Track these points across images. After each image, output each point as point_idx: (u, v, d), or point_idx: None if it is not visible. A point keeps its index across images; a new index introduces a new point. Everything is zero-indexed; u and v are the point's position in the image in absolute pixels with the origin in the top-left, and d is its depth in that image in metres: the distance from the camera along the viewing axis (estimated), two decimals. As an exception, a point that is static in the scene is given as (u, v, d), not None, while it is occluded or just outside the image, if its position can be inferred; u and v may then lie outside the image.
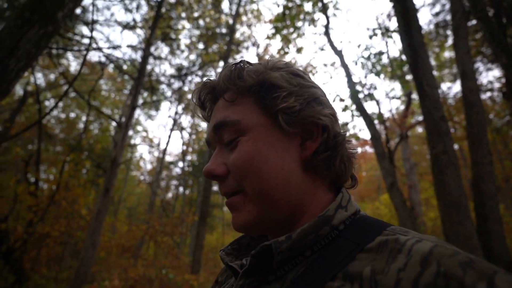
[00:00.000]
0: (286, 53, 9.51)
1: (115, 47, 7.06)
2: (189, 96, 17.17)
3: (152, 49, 8.31)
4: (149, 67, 11.93)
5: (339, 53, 7.15)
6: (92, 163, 7.51)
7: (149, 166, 24.19)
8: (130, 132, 19.31)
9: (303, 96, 0.43)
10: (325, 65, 15.07)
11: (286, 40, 9.59)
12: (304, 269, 0.37)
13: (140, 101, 13.54)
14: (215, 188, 18.94)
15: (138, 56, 8.81)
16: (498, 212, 3.90)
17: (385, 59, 9.05)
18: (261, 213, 0.41)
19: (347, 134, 0.47)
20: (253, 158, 0.41)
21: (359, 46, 8.55)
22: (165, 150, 16.21)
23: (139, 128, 21.05)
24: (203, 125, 19.20)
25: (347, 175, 0.46)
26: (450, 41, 11.06)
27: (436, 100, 4.12)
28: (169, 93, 14.72)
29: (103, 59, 7.50)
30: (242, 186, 0.42)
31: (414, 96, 10.02)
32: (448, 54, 13.72)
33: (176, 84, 14.63)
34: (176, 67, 13.22)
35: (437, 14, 9.51)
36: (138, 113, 18.32)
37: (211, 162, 0.44)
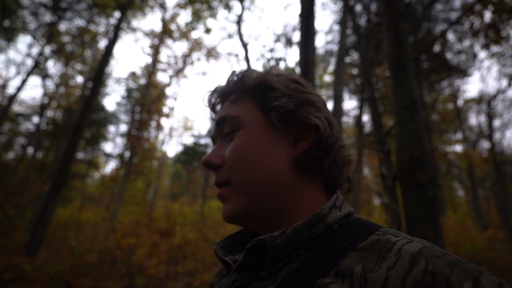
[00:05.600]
0: (193, 29, 9.02)
1: None
2: (66, 38, 13.67)
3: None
4: (6, -20, 8.74)
5: (245, 46, 7.34)
6: None
7: (-19, 113, 17.86)
8: (-44, 60, 13.74)
9: (297, 99, 0.46)
10: (229, 54, 15.29)
11: (197, 16, 9.09)
12: (297, 266, 0.37)
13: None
14: (81, 155, 16.02)
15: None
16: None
17: (283, 66, 9.98)
18: (247, 204, 0.43)
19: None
20: (244, 151, 0.43)
21: (264, 46, 9.08)
22: (13, 96, 12.33)
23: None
24: (80, 79, 15.75)
25: (341, 178, 0.47)
26: (331, 68, 13.37)
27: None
28: (33, 25, 11.27)
29: None
30: (230, 178, 0.44)
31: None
32: (327, 78, 16.54)
33: (48, 18, 11.36)
34: (52, -5, 10.29)
35: (328, 42, 11.29)
36: (-25, 36, 13.18)
37: (211, 153, 0.48)
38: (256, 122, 0.46)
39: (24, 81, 12.51)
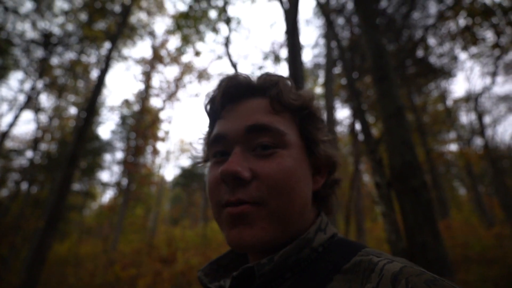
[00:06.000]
0: (183, 53, 9.24)
1: None
2: (58, 71, 13.85)
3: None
4: (-4, 21, 8.96)
5: (234, 66, 7.49)
6: None
7: (-26, 152, 17.71)
8: None
9: (327, 135, 0.48)
10: (220, 74, 15.63)
11: (186, 41, 9.32)
12: None
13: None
14: (77, 186, 15.79)
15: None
16: (335, 220, 5.00)
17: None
18: (276, 232, 0.39)
19: None
20: (291, 175, 0.40)
21: (253, 64, 9.30)
22: (6, 133, 12.29)
23: (-35, 98, 15.28)
24: (73, 110, 15.80)
25: (334, 212, 0.51)
26: (320, 79, 13.64)
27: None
28: (25, 61, 11.45)
29: None
30: (265, 199, 0.39)
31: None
32: (318, 90, 16.82)
33: (40, 53, 11.56)
34: (43, 32, 10.52)
35: (315, 56, 11.60)
36: (-34, 77, 13.28)
37: (235, 161, 0.39)
38: (298, 146, 0.44)
39: (16, 117, 12.51)
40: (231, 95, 0.46)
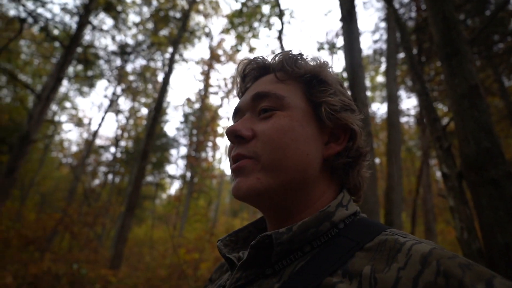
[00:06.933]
0: (238, 50, 9.52)
1: (43, 4, 6.00)
2: (131, 77, 15.81)
3: (91, 17, 7.38)
4: (87, 38, 10.59)
5: (289, 60, 7.40)
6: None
7: (74, 148, 21.41)
8: (54, 107, 16.78)
9: (344, 101, 0.47)
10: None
11: (240, 38, 9.57)
12: (303, 263, 0.37)
13: (71, 73, 11.90)
14: (149, 178, 17.84)
15: (73, 22, 7.71)
16: (400, 218, 4.55)
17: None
18: (270, 183, 0.41)
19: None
20: (285, 133, 0.42)
21: (307, 57, 9.02)
22: (96, 132, 14.57)
23: (67, 104, 18.49)
24: (144, 111, 17.85)
25: (362, 190, 0.49)
26: (383, 68, 12.52)
27: (366, 116, 4.60)
28: (107, 71, 13.32)
29: (23, 14, 6.31)
30: (259, 154, 0.42)
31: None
32: (380, 79, 15.52)
33: (118, 62, 13.33)
34: (120, 44, 12.04)
35: (375, 41, 10.67)
36: (67, 87, 16.08)
37: (239, 123, 0.45)
38: (301, 109, 0.45)
39: (103, 118, 14.66)
40: (252, 77, 0.52)
